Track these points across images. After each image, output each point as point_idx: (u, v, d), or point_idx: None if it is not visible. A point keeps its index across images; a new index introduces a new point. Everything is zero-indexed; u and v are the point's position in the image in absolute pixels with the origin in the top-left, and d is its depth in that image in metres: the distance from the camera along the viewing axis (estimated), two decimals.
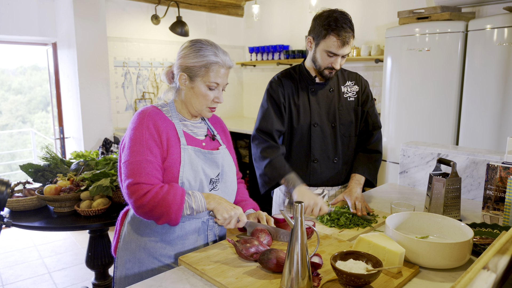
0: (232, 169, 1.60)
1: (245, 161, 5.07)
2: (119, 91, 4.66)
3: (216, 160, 1.52)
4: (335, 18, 1.80)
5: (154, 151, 1.38)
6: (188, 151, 1.44)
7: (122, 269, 1.48)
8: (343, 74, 2.06)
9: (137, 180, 1.34)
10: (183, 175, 1.41)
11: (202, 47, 1.45)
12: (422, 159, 2.20)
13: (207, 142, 1.55)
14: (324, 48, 1.84)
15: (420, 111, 3.27)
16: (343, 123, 2.00)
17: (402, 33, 3.29)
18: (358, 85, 2.04)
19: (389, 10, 4.05)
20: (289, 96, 1.99)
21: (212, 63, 1.43)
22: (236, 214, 1.39)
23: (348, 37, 1.80)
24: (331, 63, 1.86)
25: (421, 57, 3.19)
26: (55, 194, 2.21)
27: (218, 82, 1.45)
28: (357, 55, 4.18)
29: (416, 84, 3.26)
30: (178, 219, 1.36)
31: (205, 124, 1.61)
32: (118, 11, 4.56)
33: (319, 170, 2.01)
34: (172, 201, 1.34)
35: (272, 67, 5.45)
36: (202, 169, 1.47)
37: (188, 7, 5.12)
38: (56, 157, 2.58)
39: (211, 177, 1.50)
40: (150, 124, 1.40)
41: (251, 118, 5.70)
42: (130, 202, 1.35)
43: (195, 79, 1.45)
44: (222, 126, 1.70)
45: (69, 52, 4.11)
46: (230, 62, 1.49)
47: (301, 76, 2.02)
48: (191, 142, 1.48)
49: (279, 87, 1.99)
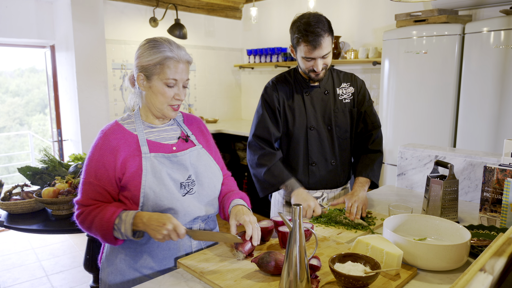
0: (210, 168, 1.53)
1: (243, 163, 5.07)
2: (117, 94, 4.66)
3: (182, 162, 1.46)
4: (304, 23, 1.81)
5: (99, 174, 1.37)
6: (150, 159, 1.40)
7: (106, 280, 1.46)
8: (338, 76, 2.06)
9: (79, 199, 1.40)
10: (146, 185, 1.37)
11: (156, 44, 1.40)
12: (419, 161, 2.21)
13: (179, 144, 1.50)
14: (300, 54, 1.87)
15: (417, 113, 3.28)
16: (339, 125, 2.01)
17: (400, 36, 3.31)
18: (354, 86, 2.04)
19: (387, 13, 4.06)
20: (284, 101, 1.99)
21: (167, 59, 1.38)
22: (169, 229, 1.27)
23: (318, 40, 1.79)
24: (311, 66, 1.88)
25: (419, 60, 3.21)
26: (53, 197, 2.21)
27: (175, 78, 1.40)
28: (354, 58, 4.19)
29: (414, 87, 3.27)
30: (113, 242, 1.38)
31: (177, 126, 1.57)
32: (116, 14, 4.56)
33: (317, 173, 2.01)
34: (99, 226, 1.35)
35: (270, 70, 5.46)
36: (168, 174, 1.41)
37: (186, 10, 5.13)
38: (54, 159, 2.58)
39: (181, 181, 1.44)
40: (103, 146, 1.39)
41: (249, 120, 5.71)
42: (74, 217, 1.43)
43: (151, 78, 1.40)
44: (199, 125, 1.64)
45: (67, 55, 4.12)
46: (187, 56, 1.43)
47: (296, 80, 2.03)
48: (155, 149, 1.44)
49: (274, 92, 2.00)
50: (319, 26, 1.80)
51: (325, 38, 1.81)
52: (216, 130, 4.85)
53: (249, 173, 4.80)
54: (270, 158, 1.95)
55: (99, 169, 1.38)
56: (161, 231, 1.27)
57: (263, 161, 1.95)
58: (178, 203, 1.40)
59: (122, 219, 1.33)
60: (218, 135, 4.87)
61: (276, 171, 1.92)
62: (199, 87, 5.42)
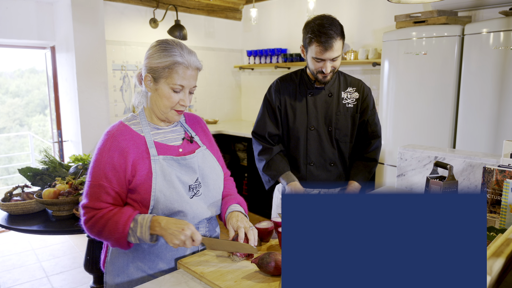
0: (215, 170, 1.54)
1: (243, 164, 5.08)
2: (117, 95, 4.67)
3: (191, 165, 1.46)
4: (318, 24, 1.86)
5: (109, 175, 1.35)
6: (160, 161, 1.39)
7: (112, 283, 1.46)
8: (346, 80, 2.09)
9: (87, 203, 1.36)
10: (156, 188, 1.36)
11: (167, 47, 1.38)
12: (419, 162, 2.22)
13: (184, 145, 1.50)
14: (311, 54, 1.92)
15: (417, 114, 3.29)
16: (340, 128, 2.04)
17: (399, 37, 3.32)
18: (359, 93, 2.07)
19: (386, 14, 4.07)
20: (285, 100, 2.06)
21: (176, 64, 1.36)
22: (187, 236, 1.28)
23: (331, 42, 1.84)
24: (320, 68, 1.92)
25: (418, 61, 3.22)
26: (53, 197, 2.22)
27: (183, 84, 1.38)
28: (354, 59, 4.20)
29: (413, 88, 3.28)
30: (125, 247, 1.35)
31: (181, 127, 1.56)
32: (117, 15, 4.57)
33: (315, 173, 2.05)
34: (113, 230, 1.31)
35: (270, 71, 5.47)
36: (177, 177, 1.41)
37: (186, 11, 5.14)
38: (54, 160, 2.59)
39: (189, 183, 1.44)
40: (112, 147, 1.37)
41: (249, 121, 5.72)
42: (82, 223, 1.38)
43: (159, 81, 1.39)
44: (201, 125, 1.64)
45: (68, 56, 4.12)
46: (197, 63, 1.41)
47: (301, 80, 2.07)
48: (163, 151, 1.43)
49: (276, 91, 2.08)
50: (332, 28, 1.85)
51: (337, 41, 1.86)
52: (216, 131, 4.86)
53: (249, 174, 4.81)
54: (267, 152, 2.07)
55: (109, 171, 1.35)
56: (179, 236, 1.28)
57: (262, 155, 2.08)
58: (188, 205, 1.41)
59: (138, 222, 1.32)
60: (218, 136, 4.88)
61: (274, 164, 2.05)
62: (199, 88, 5.43)
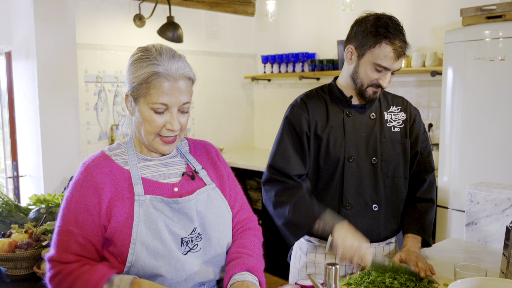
0: (223, 218, 1.54)
1: (257, 207, 5.04)
2: (90, 115, 4.74)
3: (186, 211, 1.46)
4: (385, 23, 1.87)
5: (80, 219, 1.39)
6: (145, 203, 1.41)
7: None
8: (386, 98, 2.12)
9: (53, 255, 1.40)
10: (137, 238, 1.37)
11: (144, 55, 1.41)
12: (496, 206, 2.22)
13: (182, 183, 1.51)
14: (372, 60, 1.90)
15: (492, 140, 3.28)
16: (386, 160, 2.04)
17: (467, 37, 3.35)
18: (406, 113, 2.09)
19: (449, 7, 4.11)
20: (316, 124, 2.02)
21: (153, 76, 1.37)
22: None
23: (404, 48, 1.88)
24: (377, 79, 1.92)
25: (493, 69, 3.23)
26: (8, 251, 2.24)
27: (164, 102, 1.39)
28: (406, 66, 4.21)
29: (487, 105, 3.28)
30: None
31: (182, 158, 1.58)
32: (91, 11, 4.66)
33: (353, 219, 2.01)
34: None
35: (293, 82, 5.50)
36: (166, 226, 1.42)
37: (182, 5, 5.18)
38: (9, 202, 2.63)
39: (182, 236, 1.44)
40: (85, 183, 1.41)
41: (265, 150, 5.69)
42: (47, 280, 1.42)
43: (138, 100, 1.41)
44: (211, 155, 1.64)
45: (27, 64, 4.20)
46: (184, 70, 1.42)
47: (332, 98, 2.07)
48: (152, 189, 1.45)
49: (303, 113, 2.03)
50: (403, 31, 1.90)
51: (408, 50, 1.91)
52: None
53: (264, 220, 4.76)
54: (293, 192, 1.96)
55: (80, 213, 1.39)
56: None
57: (284, 197, 1.96)
58: (178, 264, 1.42)
59: (114, 284, 1.34)
60: None
61: (305, 205, 1.92)
62: (198, 105, 5.46)
